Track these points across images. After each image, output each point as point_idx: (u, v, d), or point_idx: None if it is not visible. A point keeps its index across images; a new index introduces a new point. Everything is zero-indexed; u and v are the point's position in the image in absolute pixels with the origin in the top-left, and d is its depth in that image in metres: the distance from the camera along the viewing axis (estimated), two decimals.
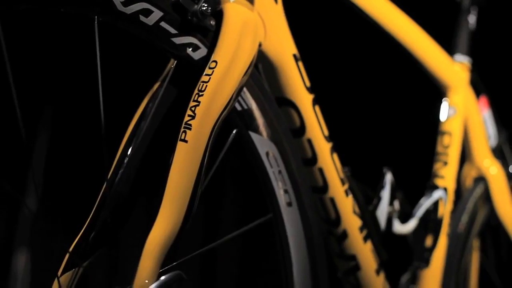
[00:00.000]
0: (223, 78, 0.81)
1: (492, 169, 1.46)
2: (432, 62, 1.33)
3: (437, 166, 1.33)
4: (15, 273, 1.68)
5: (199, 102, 0.79)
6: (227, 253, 2.07)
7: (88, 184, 0.93)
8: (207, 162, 0.79)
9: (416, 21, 1.29)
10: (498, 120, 1.52)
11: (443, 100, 1.39)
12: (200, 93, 0.79)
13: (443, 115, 1.37)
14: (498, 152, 1.51)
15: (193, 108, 0.79)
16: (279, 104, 0.98)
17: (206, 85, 0.80)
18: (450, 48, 1.44)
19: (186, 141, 0.77)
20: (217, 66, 0.81)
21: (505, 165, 1.50)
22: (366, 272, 1.06)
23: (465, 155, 1.48)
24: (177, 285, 0.71)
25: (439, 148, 1.35)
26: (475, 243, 1.50)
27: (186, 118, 0.78)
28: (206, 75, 0.81)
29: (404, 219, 1.21)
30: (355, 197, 1.06)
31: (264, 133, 0.93)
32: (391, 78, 1.98)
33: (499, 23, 1.91)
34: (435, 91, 1.41)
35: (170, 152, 0.79)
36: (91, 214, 0.80)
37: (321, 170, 1.00)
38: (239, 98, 0.90)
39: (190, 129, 0.78)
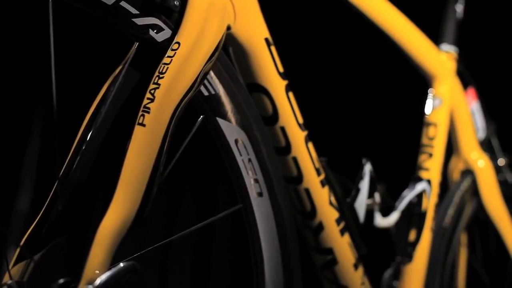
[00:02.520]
0: (185, 60, 0.77)
1: (480, 162, 1.42)
2: (416, 51, 1.29)
3: (422, 158, 1.29)
4: None
5: (159, 84, 0.75)
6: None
7: None
8: (169, 148, 0.75)
9: (401, 10, 1.25)
10: (487, 112, 1.48)
11: (428, 90, 1.34)
12: (161, 76, 0.75)
13: (428, 106, 1.33)
14: (487, 145, 1.47)
15: (152, 91, 0.75)
16: (251, 91, 0.94)
17: (167, 67, 0.76)
18: (436, 38, 1.39)
19: (144, 125, 0.73)
20: (179, 47, 0.77)
21: (493, 158, 1.46)
22: (343, 266, 1.02)
23: (452, 148, 1.44)
24: (130, 276, 0.67)
25: (424, 140, 1.31)
26: (463, 239, 1.46)
27: (145, 102, 0.74)
28: (168, 57, 0.77)
29: (386, 212, 1.17)
30: (332, 188, 1.02)
31: (233, 119, 0.89)
32: (374, 66, 1.93)
33: (487, 12, 1.86)
34: (421, 81, 1.37)
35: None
36: (45, 205, 0.76)
37: (295, 160, 0.96)
38: (206, 83, 0.86)
39: (148, 112, 0.74)
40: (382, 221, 1.14)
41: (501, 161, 1.48)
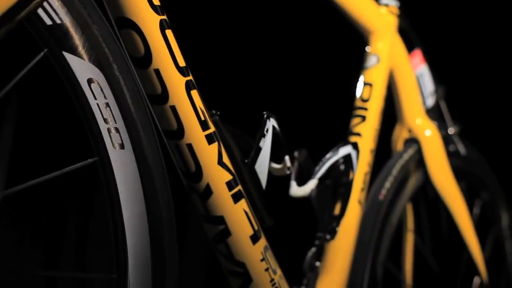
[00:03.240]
0: None
1: (427, 131, 1.26)
2: (350, 2, 1.14)
3: (354, 122, 1.14)
4: None
5: None
6: None
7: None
8: None
9: None
10: (436, 78, 1.32)
11: (365, 48, 1.19)
12: None
13: (365, 64, 1.18)
14: (436, 113, 1.31)
15: None
16: (120, 27, 0.78)
17: None
18: None
19: None
20: None
21: (443, 127, 1.30)
22: (237, 239, 0.86)
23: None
24: None
25: (358, 102, 1.15)
26: (410, 223, 1.30)
27: None
28: None
29: (304, 180, 1.02)
30: (226, 147, 0.87)
31: (85, 55, 0.74)
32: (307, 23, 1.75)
33: None
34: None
35: None
36: None
37: (174, 109, 0.81)
38: (48, 10, 0.71)
39: None
40: (297, 190, 0.99)
41: (452, 130, 1.32)
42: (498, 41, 1.86)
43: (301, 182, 1.01)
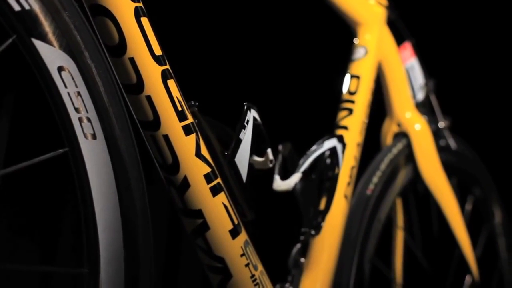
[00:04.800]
0: None
1: (416, 124, 1.23)
2: None
3: (341, 115, 1.11)
4: None
5: None
6: None
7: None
8: None
9: None
10: (426, 71, 1.29)
11: (353, 40, 1.17)
12: None
13: (353, 56, 1.15)
14: (426, 106, 1.28)
15: None
16: (94, 14, 0.76)
17: None
18: None
19: None
20: None
21: (433, 121, 1.27)
22: (216, 233, 0.84)
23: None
24: None
25: (345, 95, 1.13)
26: (400, 220, 1.27)
27: None
28: None
29: (289, 174, 0.99)
30: (205, 138, 0.84)
31: (56, 42, 0.71)
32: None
33: None
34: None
35: None
36: None
37: (149, 99, 0.78)
38: None
39: None
40: (280, 184, 0.97)
41: (442, 124, 1.29)
42: (490, 34, 1.84)
43: (285, 176, 0.98)
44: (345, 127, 1.09)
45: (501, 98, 1.86)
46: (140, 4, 0.78)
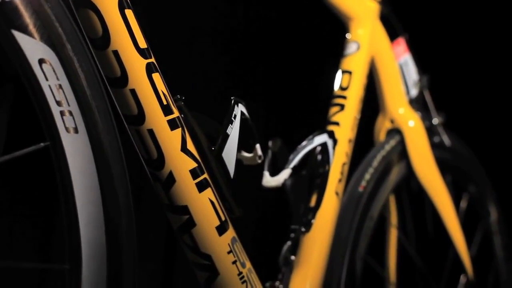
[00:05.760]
0: None
1: (410, 121, 1.22)
2: None
3: (332, 111, 1.10)
4: None
5: None
6: None
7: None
8: None
9: None
10: (420, 67, 1.28)
11: (346, 35, 1.15)
12: None
13: (345, 52, 1.14)
14: (420, 103, 1.27)
15: None
16: (77, 5, 0.75)
17: None
18: None
19: None
20: None
21: (427, 118, 1.26)
22: (202, 230, 0.82)
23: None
24: None
25: (336, 90, 1.11)
26: (393, 218, 1.25)
27: None
28: None
29: (279, 170, 0.98)
30: (191, 133, 0.83)
31: (37, 34, 0.70)
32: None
33: None
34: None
35: None
36: None
37: (134, 93, 0.77)
38: None
39: None
40: (269, 180, 0.95)
41: (436, 121, 1.28)
42: (484, 29, 1.82)
43: (274, 172, 0.97)
44: (336, 123, 1.08)
45: (495, 94, 1.84)
46: None
